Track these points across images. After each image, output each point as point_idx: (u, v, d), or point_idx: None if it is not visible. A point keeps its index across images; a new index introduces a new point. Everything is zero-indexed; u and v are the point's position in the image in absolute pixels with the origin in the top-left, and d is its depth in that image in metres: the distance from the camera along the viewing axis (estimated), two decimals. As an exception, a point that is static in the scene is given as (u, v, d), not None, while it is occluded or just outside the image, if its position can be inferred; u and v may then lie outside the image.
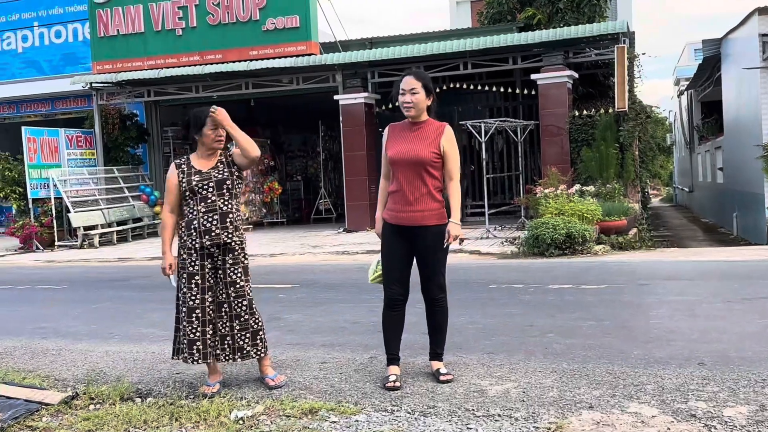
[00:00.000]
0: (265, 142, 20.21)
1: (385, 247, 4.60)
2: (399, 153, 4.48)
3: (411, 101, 4.48)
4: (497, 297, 7.36)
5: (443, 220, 4.53)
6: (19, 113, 21.39)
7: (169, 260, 4.58)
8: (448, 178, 4.56)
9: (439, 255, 4.53)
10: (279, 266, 11.36)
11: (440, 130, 4.57)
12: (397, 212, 4.51)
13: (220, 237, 4.57)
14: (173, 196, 4.63)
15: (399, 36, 18.16)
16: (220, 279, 4.64)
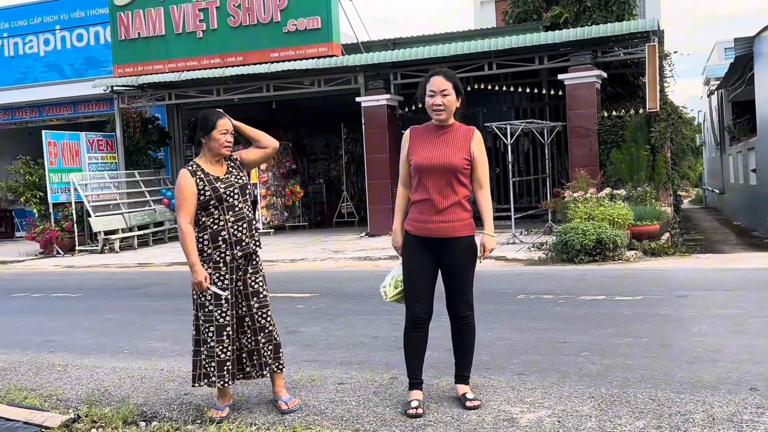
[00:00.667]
0: (287, 145, 19.98)
1: (408, 262, 4.23)
2: (428, 159, 4.13)
3: (442, 104, 4.13)
4: (526, 309, 6.97)
5: (473, 230, 4.20)
6: (41, 117, 21.35)
7: (202, 272, 4.18)
8: (477, 186, 4.23)
9: (468, 269, 4.19)
10: (299, 273, 11.05)
11: (470, 135, 4.23)
12: (424, 223, 4.14)
13: (250, 246, 4.32)
14: (191, 205, 4.24)
15: (422, 36, 17.80)
16: (239, 291, 4.34)
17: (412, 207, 4.24)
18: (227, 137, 4.31)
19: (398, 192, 4.39)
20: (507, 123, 13.22)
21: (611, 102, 15.39)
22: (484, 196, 4.24)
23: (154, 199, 18.19)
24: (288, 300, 8.24)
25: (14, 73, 20.83)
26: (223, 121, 4.31)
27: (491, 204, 4.31)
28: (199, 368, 4.28)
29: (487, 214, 4.23)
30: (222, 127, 4.29)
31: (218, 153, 4.31)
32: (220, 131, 4.29)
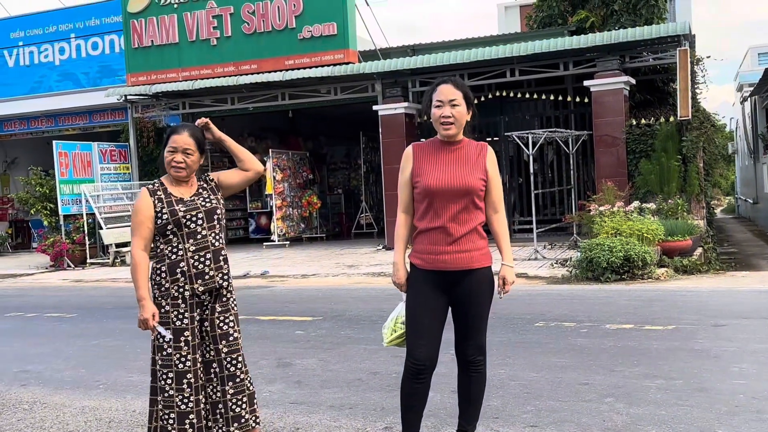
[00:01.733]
0: (304, 155, 19.50)
1: (413, 299, 3.63)
2: (441, 181, 3.55)
3: (451, 115, 3.55)
4: (545, 340, 6.32)
5: (490, 261, 3.64)
6: (57, 126, 21.09)
7: (151, 309, 3.62)
8: (492, 209, 3.67)
9: (484, 306, 3.64)
10: (307, 291, 10.50)
11: (482, 152, 3.66)
12: (435, 255, 3.56)
13: (215, 280, 3.70)
14: (146, 229, 3.67)
15: (442, 42, 17.20)
16: (206, 333, 3.74)
17: (420, 237, 3.65)
18: (176, 156, 3.69)
19: (398, 220, 3.78)
20: (529, 132, 12.58)
21: (640, 109, 14.67)
22: (499, 221, 3.68)
23: (168, 210, 17.76)
24: (288, 324, 7.67)
25: (29, 82, 20.59)
26: (174, 137, 3.71)
27: (507, 229, 3.74)
28: (156, 420, 3.71)
29: (504, 241, 3.67)
30: (170, 144, 3.71)
31: (168, 173, 3.75)
32: (168, 148, 3.72)
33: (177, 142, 3.70)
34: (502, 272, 3.65)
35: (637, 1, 16.20)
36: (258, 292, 10.70)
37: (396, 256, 3.74)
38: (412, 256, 3.69)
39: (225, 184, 3.89)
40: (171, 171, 3.72)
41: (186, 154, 3.72)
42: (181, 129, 3.76)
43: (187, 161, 3.72)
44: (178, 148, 3.69)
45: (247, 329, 7.45)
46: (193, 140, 3.75)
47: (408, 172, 3.71)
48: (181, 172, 3.72)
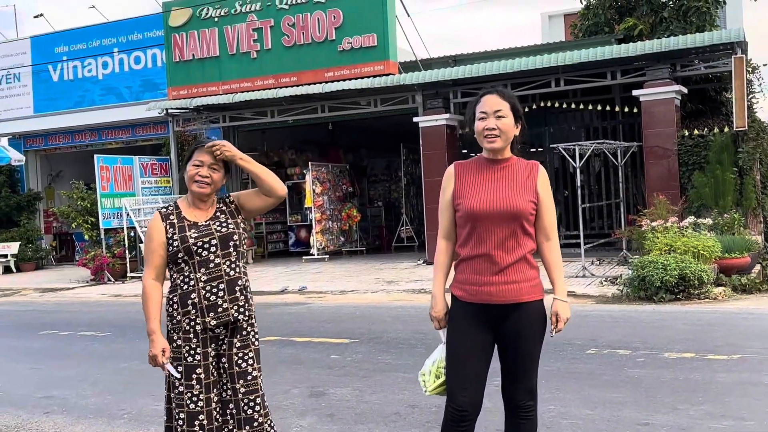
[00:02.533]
0: (344, 168, 19.26)
1: (455, 336, 3.27)
2: (485, 203, 3.20)
3: (496, 127, 3.20)
4: (598, 370, 5.87)
5: (542, 293, 3.25)
6: (101, 140, 21.26)
7: (160, 344, 3.33)
8: (543, 236, 3.29)
9: (535, 345, 3.25)
10: (345, 309, 10.18)
11: (533, 172, 3.28)
12: (479, 285, 3.19)
13: (229, 313, 3.38)
14: (158, 257, 3.39)
15: (485, 52, 16.82)
16: (223, 370, 3.42)
17: (462, 265, 3.29)
18: (201, 171, 3.40)
19: (438, 247, 3.42)
20: (576, 144, 12.09)
21: (692, 119, 14.07)
22: (552, 249, 3.30)
23: (208, 223, 17.65)
24: (323, 347, 7.33)
25: (74, 96, 20.77)
26: (200, 151, 3.44)
27: (561, 259, 3.34)
28: None
29: (557, 272, 3.29)
30: (196, 158, 3.42)
31: (191, 190, 3.45)
32: (193, 162, 3.42)
33: (202, 156, 3.43)
34: (555, 307, 3.24)
35: (687, 8, 15.62)
36: (295, 309, 10.41)
37: (434, 287, 3.37)
38: (454, 287, 3.33)
39: (246, 206, 3.58)
40: (194, 187, 3.42)
41: (212, 170, 3.44)
42: (208, 146, 3.47)
43: (213, 177, 3.45)
44: (204, 163, 3.42)
45: (281, 352, 7.17)
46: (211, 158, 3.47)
47: (449, 193, 3.35)
48: (204, 188, 3.43)
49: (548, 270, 3.30)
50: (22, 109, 21.41)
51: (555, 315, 3.24)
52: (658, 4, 16.23)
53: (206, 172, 3.42)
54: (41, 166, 22.63)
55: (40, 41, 21.26)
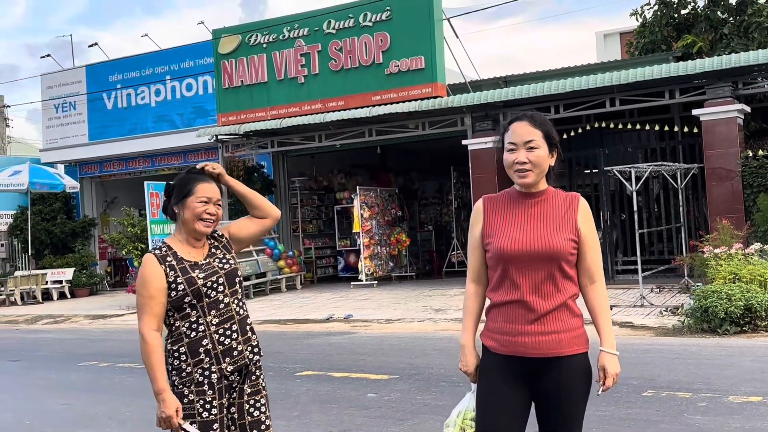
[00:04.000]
0: (392, 191, 18.99)
1: (486, 393, 2.89)
2: (517, 243, 2.84)
3: (528, 161, 2.85)
4: (655, 417, 5.37)
5: (587, 345, 2.86)
6: (154, 167, 21.53)
7: (174, 403, 3.00)
8: (587, 279, 2.90)
9: (578, 406, 2.85)
10: (389, 340, 9.82)
11: (573, 205, 2.92)
12: (513, 336, 2.83)
13: (244, 355, 3.11)
14: (159, 305, 3.06)
15: (536, 73, 16.40)
16: (232, 421, 3.12)
17: (494, 312, 2.92)
18: (208, 208, 3.12)
19: (467, 291, 3.05)
20: (632, 167, 11.54)
21: (755, 139, 13.37)
22: (597, 293, 2.90)
23: (257, 249, 17.56)
24: (361, 384, 6.99)
25: (127, 124, 21.09)
26: (206, 186, 3.15)
27: (608, 304, 2.94)
28: None
29: (603, 319, 2.89)
30: (202, 194, 3.12)
31: (192, 229, 3.13)
32: (199, 198, 3.11)
33: (208, 191, 3.14)
34: (602, 361, 2.85)
35: (748, 24, 14.95)
36: (338, 340, 10.11)
37: (463, 337, 3.01)
38: (484, 336, 2.95)
39: (238, 237, 3.30)
40: (199, 225, 3.13)
41: (218, 206, 3.17)
42: (205, 178, 3.19)
43: (218, 213, 3.17)
44: (212, 199, 3.13)
45: (317, 389, 6.86)
46: (218, 189, 3.21)
47: (478, 231, 2.99)
48: (210, 226, 3.16)
49: (594, 317, 2.91)
50: (77, 136, 21.84)
51: (602, 370, 2.85)
52: (718, 20, 15.60)
53: (213, 209, 3.14)
54: (96, 193, 23.03)
55: (95, 70, 21.71)
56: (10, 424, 6.35)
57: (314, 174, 20.51)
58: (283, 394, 6.76)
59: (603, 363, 2.84)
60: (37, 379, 8.49)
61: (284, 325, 12.06)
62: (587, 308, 2.93)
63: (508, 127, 2.95)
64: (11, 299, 18.96)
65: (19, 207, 21.25)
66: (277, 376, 7.61)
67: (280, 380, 7.40)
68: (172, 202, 3.17)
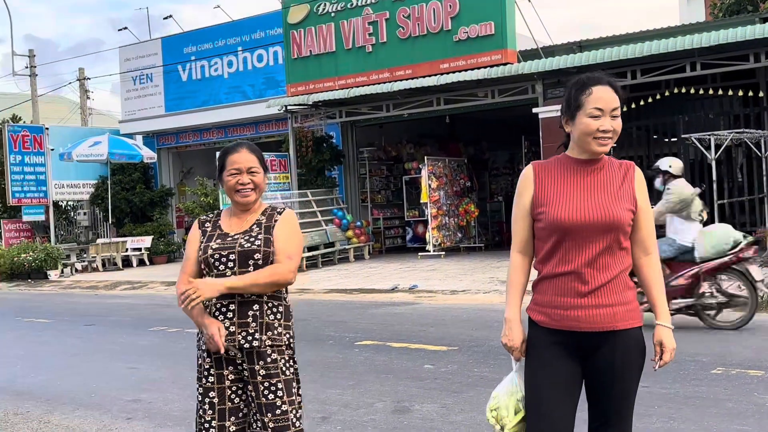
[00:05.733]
0: (461, 162, 18.74)
1: (535, 370, 2.75)
2: (577, 213, 2.68)
3: (611, 129, 2.69)
4: (722, 395, 5.10)
5: (641, 319, 2.72)
6: (227, 137, 21.84)
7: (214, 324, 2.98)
8: (641, 250, 2.76)
9: (632, 382, 2.71)
10: (452, 311, 9.72)
11: (629, 174, 2.77)
12: (564, 309, 2.69)
13: (235, 338, 3.00)
14: (192, 264, 3.11)
15: (612, 37, 15.75)
16: (252, 398, 3.06)
17: (542, 285, 2.77)
18: (240, 178, 3.08)
19: (512, 263, 2.88)
20: (711, 133, 10.99)
21: None
22: (651, 265, 2.76)
23: (326, 219, 17.68)
24: (419, 355, 6.92)
25: (202, 95, 21.43)
26: (235, 157, 3.11)
27: (662, 277, 2.78)
28: None
29: (658, 292, 2.75)
30: (232, 166, 3.09)
31: (233, 200, 3.14)
32: (229, 171, 3.10)
33: (239, 161, 3.10)
34: (659, 335, 2.71)
35: None
36: (401, 310, 10.07)
37: (508, 311, 2.84)
38: (532, 310, 2.81)
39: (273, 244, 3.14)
40: (237, 197, 3.11)
41: (251, 174, 3.11)
42: (239, 147, 3.15)
43: (255, 181, 3.12)
44: (242, 169, 3.09)
45: (374, 359, 6.84)
46: (255, 156, 3.15)
47: (527, 199, 2.81)
48: (249, 195, 3.11)
49: (648, 290, 2.76)
50: (154, 108, 22.35)
51: (659, 345, 2.71)
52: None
53: (246, 178, 3.10)
54: (173, 163, 23.60)
55: (170, 42, 22.10)
56: (77, 386, 6.57)
57: (383, 144, 20.42)
58: (341, 363, 6.77)
59: (660, 337, 2.72)
60: (108, 344, 8.77)
61: (350, 294, 12.11)
62: (640, 281, 2.79)
63: (590, 89, 2.71)
64: (93, 266, 19.73)
65: (100, 177, 21.97)
66: (336, 345, 7.64)
67: (339, 349, 7.42)
68: (216, 178, 3.18)
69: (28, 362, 7.82)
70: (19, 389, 6.56)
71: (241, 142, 3.26)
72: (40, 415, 5.62)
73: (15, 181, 20.24)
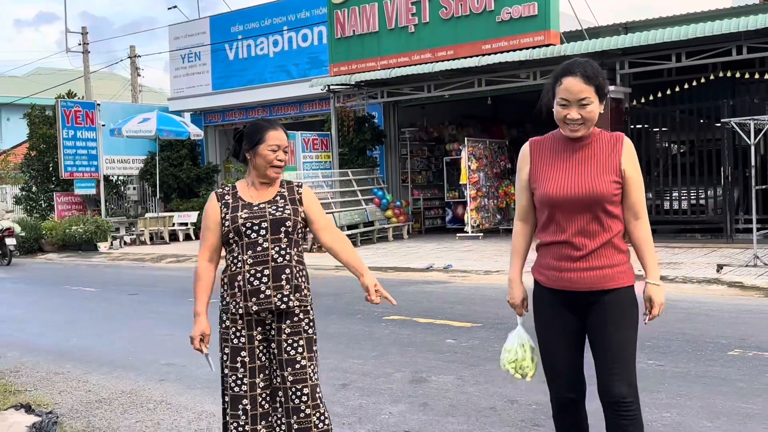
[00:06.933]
0: (502, 143, 18.73)
1: (543, 327, 3.08)
2: (562, 188, 2.94)
3: (579, 117, 2.91)
4: (734, 376, 5.16)
5: (631, 279, 2.96)
6: (271, 116, 22.16)
7: (201, 327, 3.31)
8: (631, 215, 2.98)
9: (628, 333, 2.96)
10: (483, 290, 9.85)
11: (617, 146, 2.97)
12: (560, 272, 2.97)
13: (271, 301, 3.24)
14: (213, 236, 3.34)
15: (659, 19, 15.51)
16: (273, 355, 3.31)
17: (542, 250, 3.07)
18: (278, 155, 3.33)
19: (515, 229, 3.20)
20: (751, 118, 10.83)
21: None
22: (640, 228, 2.99)
23: (366, 198, 17.91)
24: (442, 330, 7.10)
25: (248, 74, 21.80)
26: (275, 134, 3.33)
27: (651, 238, 3.00)
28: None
29: (647, 252, 2.98)
30: (273, 142, 3.31)
31: (264, 174, 3.34)
32: (269, 146, 3.30)
33: (279, 138, 3.34)
34: (648, 292, 2.97)
35: None
36: (432, 288, 10.24)
37: (511, 271, 3.20)
38: (534, 271, 3.12)
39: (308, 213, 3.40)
40: (270, 171, 3.33)
41: (285, 152, 3.38)
42: (276, 125, 3.39)
43: (286, 159, 3.40)
44: (281, 146, 3.34)
45: (398, 333, 7.05)
46: (286, 137, 3.41)
47: (525, 174, 3.11)
48: (280, 171, 3.39)
49: (637, 251, 3.01)
50: (201, 86, 22.81)
51: (648, 300, 2.96)
52: None
53: (283, 156, 3.36)
54: (219, 141, 24.08)
55: (218, 21, 22.49)
56: (117, 349, 6.94)
57: (425, 125, 20.50)
58: (366, 336, 6.99)
59: (649, 293, 2.96)
60: (149, 312, 9.17)
61: (385, 272, 12.32)
62: (632, 243, 3.01)
63: (560, 80, 2.94)
64: (141, 239, 20.36)
65: (149, 152, 22.56)
66: (364, 319, 7.86)
67: (367, 323, 7.64)
68: (244, 148, 3.38)
69: (74, 327, 8.25)
70: (63, 351, 6.97)
71: (271, 119, 3.48)
72: (79, 375, 5.99)
73: (67, 155, 20.94)
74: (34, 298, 11.32)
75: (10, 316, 9.36)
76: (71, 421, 4.77)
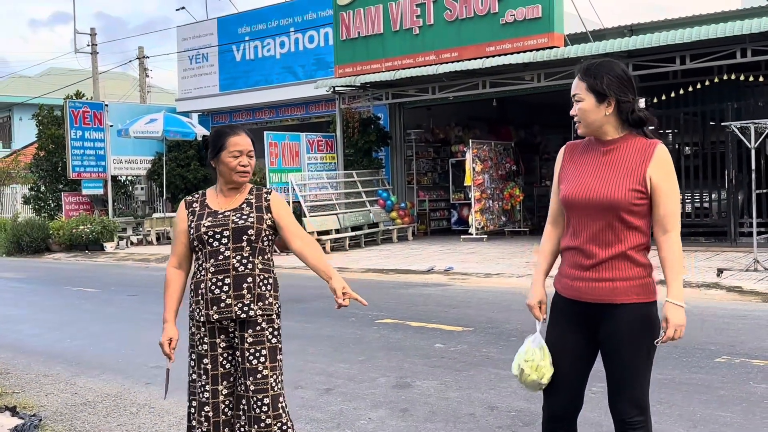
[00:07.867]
0: (508, 145, 18.69)
1: (552, 335, 3.00)
2: (578, 191, 2.88)
3: (575, 114, 2.93)
4: (717, 383, 5.13)
5: (649, 295, 2.84)
6: (279, 117, 22.29)
7: (168, 333, 3.38)
8: (660, 229, 2.85)
9: (638, 353, 2.85)
10: (480, 293, 9.84)
11: (647, 153, 2.84)
12: (571, 279, 2.91)
13: (232, 310, 3.25)
14: (180, 244, 3.39)
15: (664, 21, 15.45)
16: (237, 364, 3.33)
17: (563, 256, 3.02)
18: (241, 160, 3.32)
19: (544, 231, 3.14)
20: (752, 122, 10.75)
21: None
22: (669, 244, 2.84)
23: (371, 199, 17.94)
24: (433, 334, 7.10)
25: (255, 75, 21.88)
26: (236, 139, 3.33)
27: (681, 256, 2.87)
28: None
29: (671, 271, 2.83)
30: (234, 148, 3.31)
31: (230, 180, 3.35)
32: (231, 153, 3.31)
33: (240, 144, 3.33)
34: (665, 311, 2.81)
35: None
36: (430, 291, 10.24)
37: (535, 274, 3.09)
38: (555, 279, 3.04)
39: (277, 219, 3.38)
40: (236, 177, 3.34)
41: (250, 157, 3.38)
42: (238, 130, 3.39)
43: (251, 164, 3.38)
44: (244, 151, 3.33)
45: (389, 337, 7.05)
46: (251, 141, 3.41)
47: (556, 176, 3.07)
48: (246, 176, 3.37)
49: (663, 267, 2.85)
50: (209, 87, 22.93)
51: (664, 320, 2.81)
52: None
53: (246, 160, 3.34)
54: (227, 142, 24.11)
55: (225, 22, 22.58)
56: (108, 351, 6.99)
57: (431, 126, 20.50)
58: (357, 340, 7.00)
59: (666, 313, 2.80)
60: (146, 313, 9.21)
61: (386, 274, 12.33)
62: (659, 259, 2.87)
63: None
64: (148, 239, 20.47)
65: (157, 153, 22.68)
66: (357, 322, 7.87)
67: (359, 326, 7.66)
68: (209, 156, 3.38)
69: (68, 329, 8.31)
70: (55, 353, 7.03)
71: (234, 125, 3.51)
72: (68, 377, 6.04)
73: (75, 156, 21.09)
74: (34, 298, 11.42)
75: (8, 316, 9.45)
76: (54, 424, 4.82)
